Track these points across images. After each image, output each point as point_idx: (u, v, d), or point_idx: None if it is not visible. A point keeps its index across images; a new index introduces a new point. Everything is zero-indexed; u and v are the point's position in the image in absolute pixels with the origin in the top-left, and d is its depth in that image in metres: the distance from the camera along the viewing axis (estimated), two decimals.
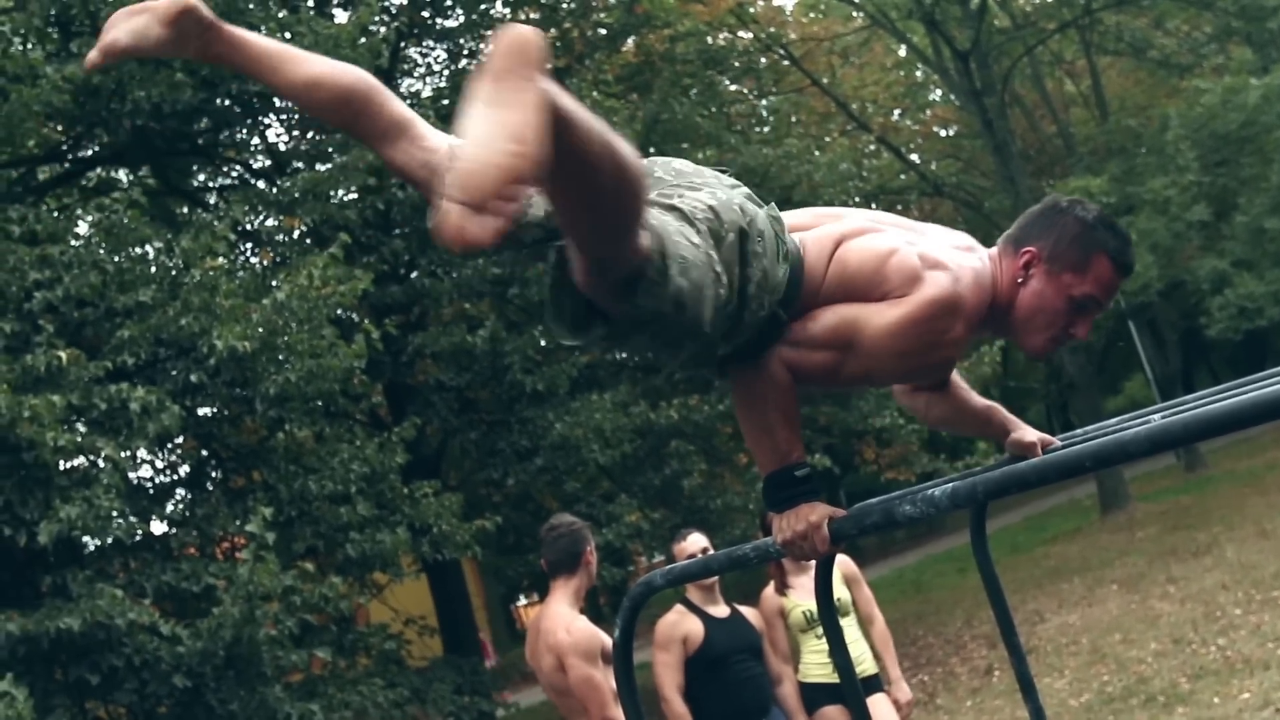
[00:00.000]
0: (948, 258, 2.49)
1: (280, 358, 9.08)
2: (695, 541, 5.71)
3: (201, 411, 9.97)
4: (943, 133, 31.75)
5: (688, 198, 2.31)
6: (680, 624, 5.66)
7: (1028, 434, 2.78)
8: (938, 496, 2.29)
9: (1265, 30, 21.95)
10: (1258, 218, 20.59)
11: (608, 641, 5.10)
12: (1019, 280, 2.53)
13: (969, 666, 11.86)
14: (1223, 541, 14.51)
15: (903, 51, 27.22)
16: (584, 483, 13.42)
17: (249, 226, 12.39)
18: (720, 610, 5.80)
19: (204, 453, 10.82)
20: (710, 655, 5.61)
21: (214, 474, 10.84)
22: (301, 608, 8.43)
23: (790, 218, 2.58)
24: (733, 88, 18.81)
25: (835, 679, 5.64)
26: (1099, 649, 10.69)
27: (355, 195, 12.24)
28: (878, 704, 5.96)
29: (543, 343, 13.41)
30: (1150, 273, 19.78)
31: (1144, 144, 23.26)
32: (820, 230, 2.54)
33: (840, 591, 5.92)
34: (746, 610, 5.96)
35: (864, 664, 6.07)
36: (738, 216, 2.32)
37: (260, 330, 8.70)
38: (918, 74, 28.44)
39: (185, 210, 13.61)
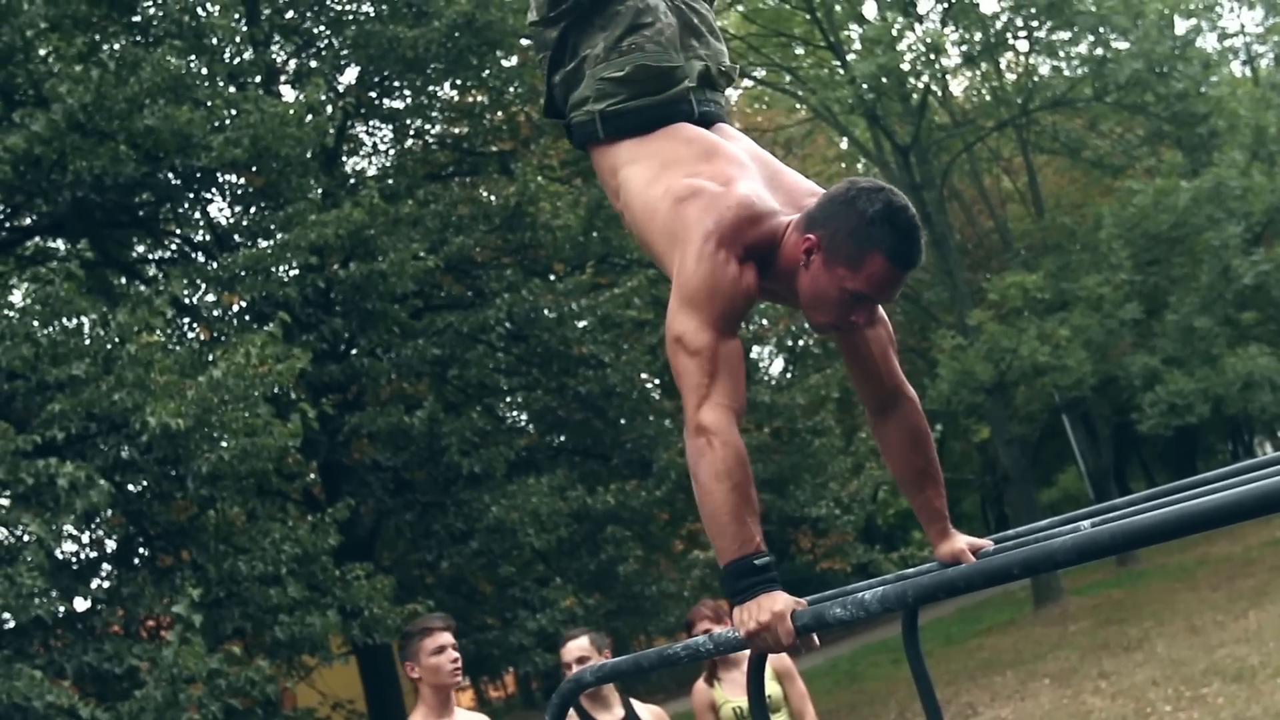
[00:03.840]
0: (719, 186, 2.62)
1: (214, 435, 8.98)
2: (574, 648, 5.42)
3: (131, 488, 9.81)
4: None
5: None
6: None
7: (957, 543, 2.79)
8: (868, 600, 2.30)
9: (1195, 135, 22.49)
10: (1188, 316, 20.96)
11: None
12: (801, 263, 2.55)
13: None
14: (1154, 637, 14.61)
15: (845, 144, 27.66)
16: (519, 567, 13.33)
17: (188, 301, 12.30)
18: (610, 717, 5.52)
19: (132, 529, 10.63)
20: None
21: (142, 551, 10.65)
22: (227, 691, 8.26)
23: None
24: None
25: None
26: None
27: (296, 272, 12.21)
28: None
29: (481, 425, 13.39)
30: (1084, 368, 20.05)
31: (1078, 241, 23.67)
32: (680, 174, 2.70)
33: (772, 687, 5.85)
34: (647, 713, 5.70)
35: None
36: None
37: (195, 407, 8.61)
38: (859, 166, 28.87)
39: (123, 282, 13.51)
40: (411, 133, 15.94)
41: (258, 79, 12.98)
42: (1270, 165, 21.89)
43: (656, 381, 16.24)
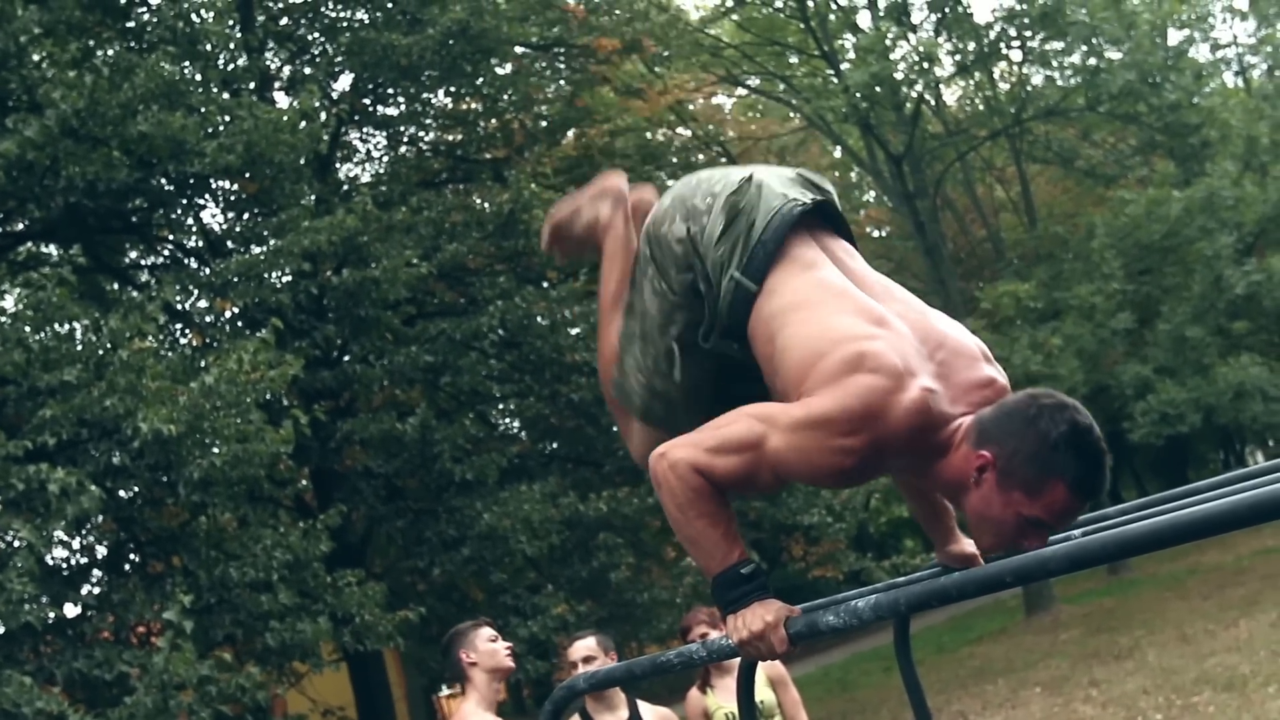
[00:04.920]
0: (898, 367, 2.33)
1: (206, 441, 8.97)
2: (581, 648, 5.40)
3: (122, 494, 9.79)
4: (875, 233, 32.24)
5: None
6: None
7: (966, 547, 2.76)
8: (861, 608, 2.30)
9: (1187, 145, 22.57)
10: (1179, 326, 21.02)
11: None
12: (971, 480, 2.32)
13: None
14: (1144, 645, 14.62)
15: (838, 153, 27.71)
16: (511, 574, 13.30)
17: (180, 307, 12.29)
18: (613, 717, 5.55)
19: (123, 535, 10.61)
20: None
21: (132, 557, 10.63)
22: (217, 698, 8.24)
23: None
24: (670, 182, 19.01)
25: None
26: None
27: (289, 279, 12.20)
28: None
29: (474, 432, 13.37)
30: (1076, 377, 20.07)
31: (1071, 250, 23.74)
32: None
33: (764, 694, 5.85)
34: (652, 714, 5.68)
35: None
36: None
37: (186, 413, 8.60)
38: (852, 175, 28.95)
39: (115, 288, 13.50)
40: (405, 140, 15.95)
41: (251, 85, 12.98)
42: (1262, 175, 21.96)
43: None
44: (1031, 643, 17.71)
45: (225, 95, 12.05)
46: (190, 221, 13.72)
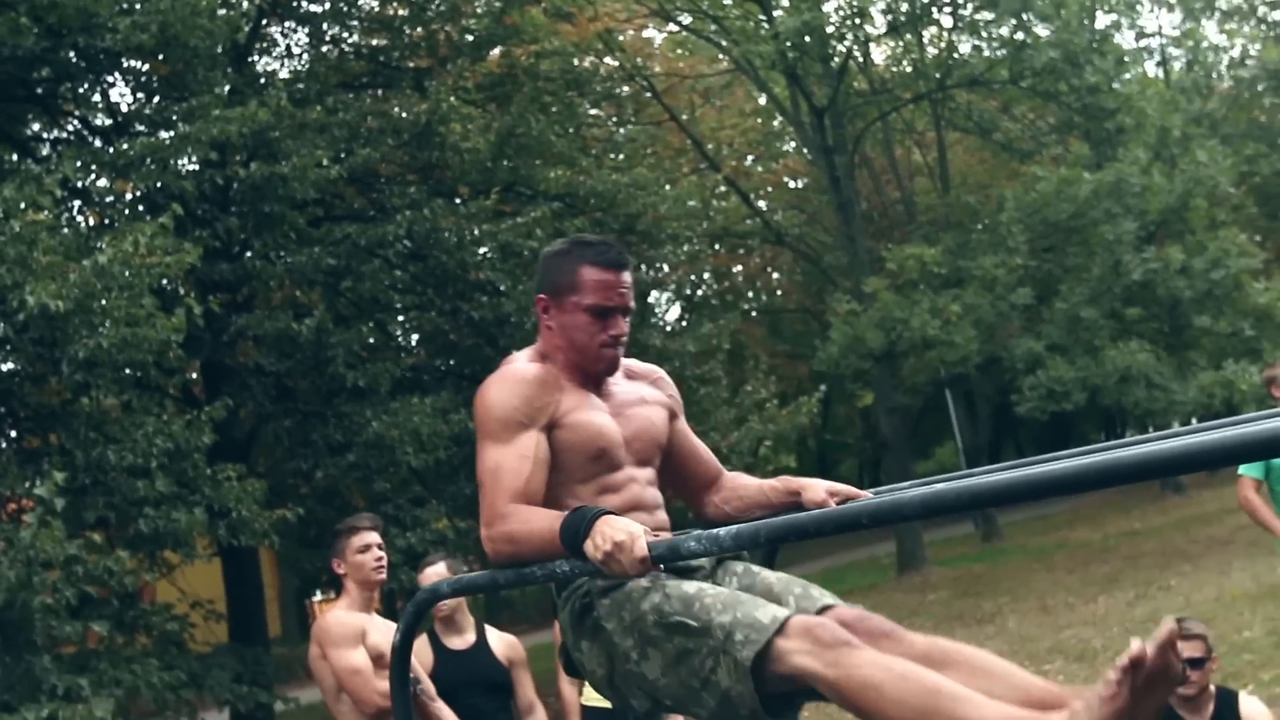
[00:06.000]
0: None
1: (94, 322, 8.81)
2: (431, 574, 5.47)
3: (3, 366, 9.61)
4: (792, 184, 32.37)
5: None
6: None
7: (818, 493, 2.79)
8: (722, 536, 2.35)
9: (1102, 129, 22.92)
10: (1076, 306, 21.45)
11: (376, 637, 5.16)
12: (550, 326, 2.90)
13: None
14: (1007, 612, 15.05)
15: (763, 100, 27.71)
16: (394, 485, 13.28)
17: (79, 184, 12.01)
18: (460, 642, 5.61)
19: (1, 409, 10.41)
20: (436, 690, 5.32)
21: (9, 432, 10.45)
22: (83, 579, 8.15)
23: None
24: (592, 112, 18.89)
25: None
26: None
27: (195, 167, 11.97)
28: None
29: (371, 341, 13.28)
30: (971, 346, 20.43)
31: (980, 221, 24.06)
32: None
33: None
34: (499, 639, 5.75)
35: None
36: None
37: (76, 291, 8.43)
38: (775, 123, 28.97)
39: (15, 159, 13.12)
40: (328, 39, 15.63)
41: None
42: (1171, 167, 22.39)
43: None
44: (900, 600, 18.12)
45: None
46: (97, 98, 13.36)
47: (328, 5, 14.98)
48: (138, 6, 10.85)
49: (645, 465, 2.91)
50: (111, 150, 11.49)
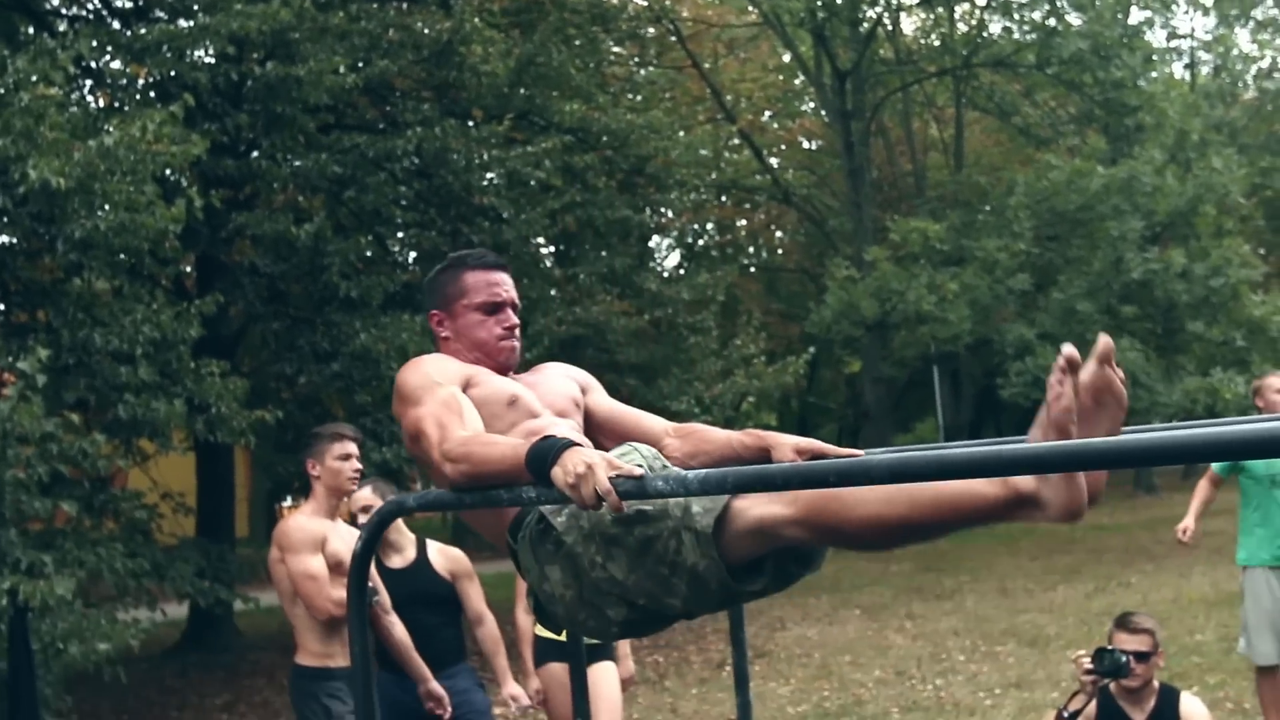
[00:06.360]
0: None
1: (94, 203, 8.78)
2: (359, 498, 5.49)
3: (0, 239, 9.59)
4: (806, 144, 32.27)
5: None
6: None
7: (786, 452, 2.79)
8: (690, 479, 2.37)
9: (1122, 125, 22.88)
10: (1073, 298, 21.48)
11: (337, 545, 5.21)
12: (446, 337, 3.13)
13: (704, 657, 12.17)
14: (966, 591, 15.19)
15: (787, 57, 27.56)
16: (376, 399, 13.29)
17: (93, 64, 11.92)
18: (400, 560, 5.65)
19: None
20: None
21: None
22: (57, 457, 8.17)
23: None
24: (615, 49, 18.78)
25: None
26: (828, 666, 11.09)
27: (212, 60, 11.89)
28: (603, 670, 6.05)
29: (368, 253, 13.26)
30: (964, 325, 20.48)
31: (989, 203, 24.03)
32: None
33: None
34: (439, 553, 5.77)
35: None
36: None
37: (79, 170, 8.39)
38: (796, 82, 28.85)
39: (30, 31, 13.03)
40: None
41: None
42: (1185, 170, 22.36)
43: (550, 249, 16.23)
44: (863, 568, 18.26)
45: None
46: None
47: None
48: None
49: (565, 418, 3.00)
50: (129, 34, 11.40)
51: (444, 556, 5.80)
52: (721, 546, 2.42)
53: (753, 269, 34.70)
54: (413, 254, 15.87)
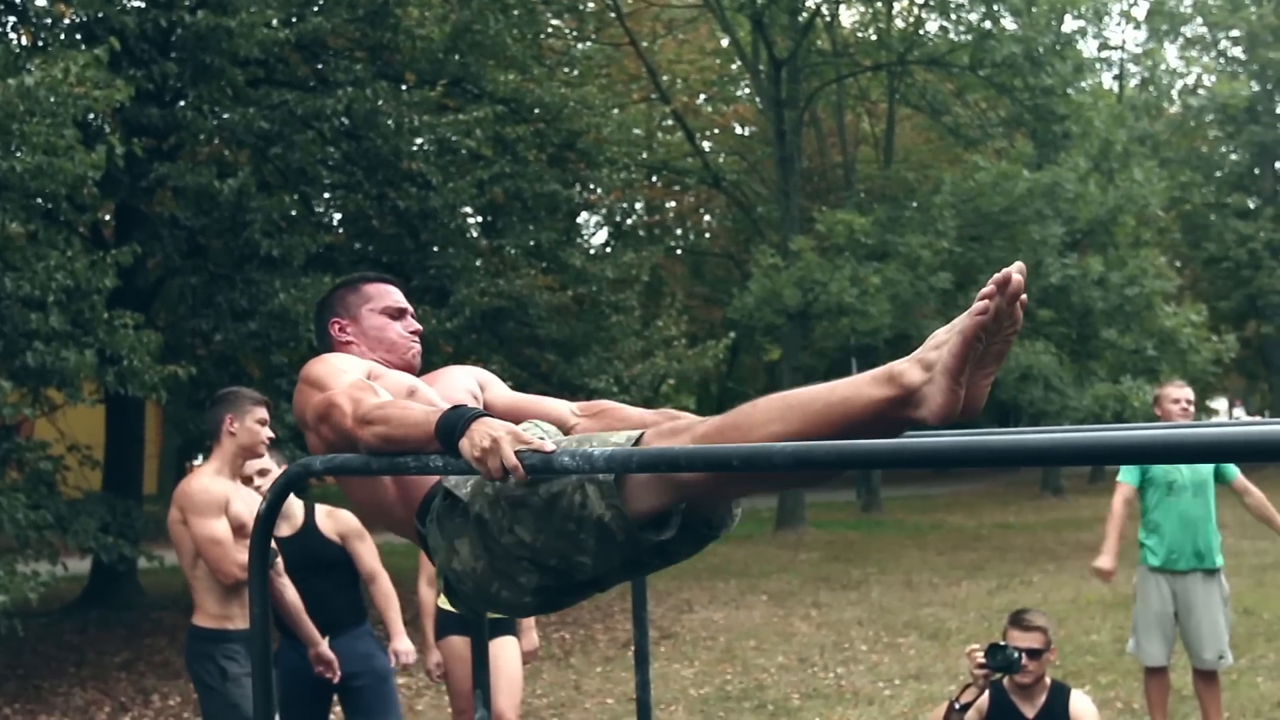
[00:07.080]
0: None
1: (10, 144, 8.59)
2: (254, 464, 5.48)
3: None
4: (738, 130, 32.36)
5: None
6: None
7: None
8: (595, 455, 2.38)
9: (1050, 131, 23.16)
10: None
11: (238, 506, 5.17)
12: (349, 341, 3.18)
13: (610, 636, 12.21)
14: (872, 582, 15.38)
15: (725, 41, 27.59)
16: (293, 360, 13.17)
17: (15, 0, 11.65)
18: (287, 528, 5.61)
19: None
20: None
21: None
22: None
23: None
24: (553, 22, 18.68)
25: None
26: (732, 650, 11.18)
27: (141, 3, 11.67)
28: (504, 645, 6.06)
29: (292, 212, 13.10)
30: (884, 319, 20.66)
31: (915, 199, 24.25)
32: None
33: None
34: (326, 517, 5.75)
35: None
36: None
37: None
38: (733, 67, 28.89)
39: None
40: None
41: None
42: (1108, 179, 22.72)
43: (477, 219, 16.13)
44: (772, 555, 18.42)
45: None
46: None
47: None
48: None
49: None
50: None
51: (332, 519, 5.77)
52: (625, 496, 2.43)
53: (679, 251, 34.78)
54: (337, 215, 15.72)
